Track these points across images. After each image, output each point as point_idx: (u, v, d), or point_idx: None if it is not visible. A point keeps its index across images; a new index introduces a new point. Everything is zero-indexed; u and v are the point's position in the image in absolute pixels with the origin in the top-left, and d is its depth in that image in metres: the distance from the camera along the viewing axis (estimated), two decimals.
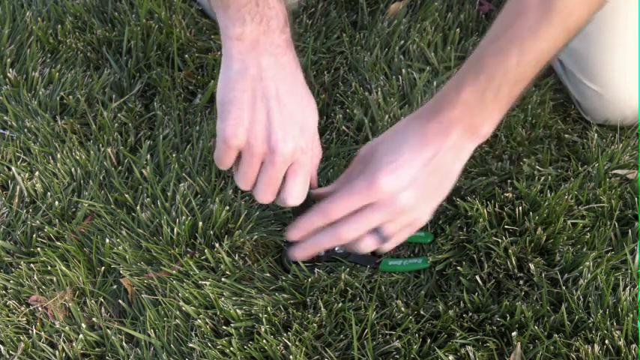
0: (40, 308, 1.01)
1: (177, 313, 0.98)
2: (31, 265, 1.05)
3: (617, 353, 0.93)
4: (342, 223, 0.93)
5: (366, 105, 1.21)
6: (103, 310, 1.01)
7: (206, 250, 1.02)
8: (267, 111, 0.89)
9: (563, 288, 0.99)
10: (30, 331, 0.99)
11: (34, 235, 1.07)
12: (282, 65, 0.90)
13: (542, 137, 1.19)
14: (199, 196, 1.10)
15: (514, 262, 1.01)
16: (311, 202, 0.96)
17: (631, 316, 0.94)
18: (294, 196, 0.93)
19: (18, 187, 1.12)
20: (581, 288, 0.98)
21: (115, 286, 1.03)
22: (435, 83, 1.23)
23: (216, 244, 1.03)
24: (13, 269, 1.05)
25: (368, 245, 0.95)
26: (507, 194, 1.08)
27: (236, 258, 1.03)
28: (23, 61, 1.29)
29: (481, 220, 1.05)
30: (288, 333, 0.95)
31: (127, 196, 1.10)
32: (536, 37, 0.86)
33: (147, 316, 0.98)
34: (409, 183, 0.91)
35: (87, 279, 1.03)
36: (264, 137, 0.89)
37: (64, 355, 0.97)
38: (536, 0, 0.85)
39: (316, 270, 1.01)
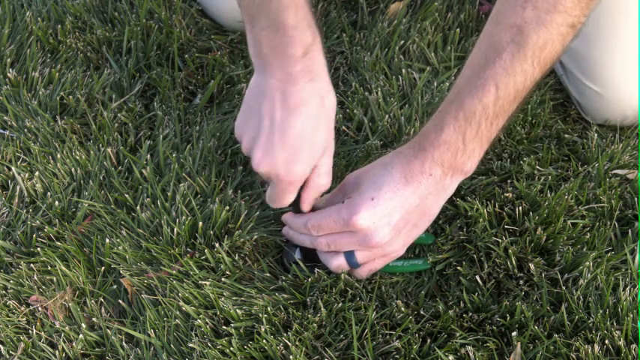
0: (40, 308, 1.01)
1: (177, 313, 0.98)
2: (31, 265, 1.05)
3: (617, 353, 0.93)
4: (320, 237, 0.98)
5: (366, 105, 1.21)
6: (103, 310, 1.01)
7: (206, 250, 1.02)
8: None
9: (563, 288, 0.99)
10: (30, 331, 0.99)
11: (34, 235, 1.07)
12: (287, 93, 0.90)
13: (542, 137, 1.19)
14: (199, 196, 1.10)
15: (514, 262, 1.01)
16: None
17: (631, 316, 0.94)
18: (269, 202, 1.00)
19: (18, 187, 1.13)
20: (581, 288, 0.98)
21: (115, 286, 1.03)
22: (435, 83, 1.23)
23: (216, 244, 1.03)
24: (13, 269, 1.05)
25: (338, 264, 0.98)
26: (507, 194, 1.08)
27: (236, 258, 1.03)
28: (23, 61, 1.29)
29: (481, 220, 1.05)
30: (288, 333, 0.95)
31: (127, 196, 1.10)
32: (512, 74, 0.88)
33: (147, 316, 0.98)
34: (387, 221, 0.93)
35: (87, 279, 1.03)
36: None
37: (64, 355, 0.97)
38: (509, 37, 0.87)
39: (316, 270, 1.01)
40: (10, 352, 0.98)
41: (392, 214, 0.93)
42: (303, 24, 0.87)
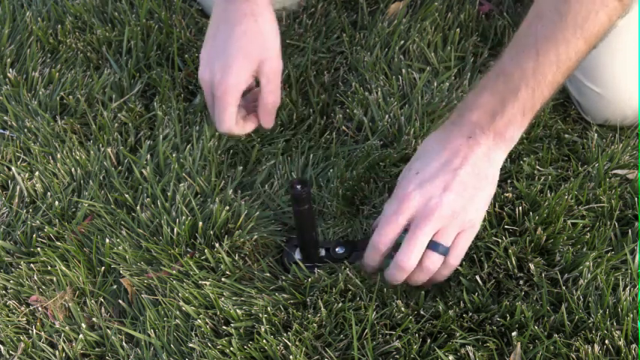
0: (40, 308, 1.01)
1: (177, 313, 0.98)
2: (31, 265, 1.05)
3: (617, 353, 0.93)
4: (399, 254, 0.93)
5: (366, 105, 1.21)
6: (103, 310, 1.01)
7: (206, 250, 1.02)
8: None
9: (563, 288, 0.99)
10: (30, 331, 0.99)
11: (34, 235, 1.07)
12: (227, 11, 1.08)
13: (542, 137, 1.19)
14: (199, 196, 1.10)
15: (514, 262, 1.01)
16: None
17: (631, 316, 0.94)
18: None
19: (18, 187, 1.12)
20: (581, 288, 0.98)
21: (115, 286, 1.03)
22: (435, 83, 1.23)
23: (216, 244, 1.03)
24: (13, 269, 1.05)
25: (433, 262, 0.93)
26: (507, 194, 1.08)
27: (236, 258, 1.03)
28: (23, 61, 1.29)
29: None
30: (288, 333, 0.95)
31: (127, 196, 1.10)
32: (553, 41, 0.88)
33: (147, 316, 0.98)
34: (439, 185, 0.91)
35: (87, 279, 1.03)
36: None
37: (64, 355, 0.97)
38: (554, 5, 0.87)
39: (316, 270, 1.01)
40: (10, 352, 0.98)
41: (442, 180, 0.92)
42: None
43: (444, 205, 0.91)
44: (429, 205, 0.91)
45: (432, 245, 0.93)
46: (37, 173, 1.13)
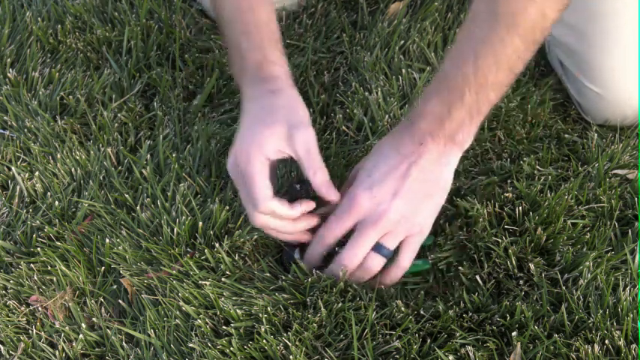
0: (40, 308, 1.01)
1: (177, 313, 0.98)
2: (31, 265, 1.04)
3: (617, 353, 0.93)
4: (343, 252, 0.97)
5: (366, 105, 1.21)
6: (103, 310, 1.01)
7: (206, 250, 1.02)
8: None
9: (563, 288, 0.99)
10: (30, 331, 0.99)
11: (34, 235, 1.07)
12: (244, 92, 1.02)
13: (542, 137, 1.19)
14: (199, 196, 1.10)
15: (514, 262, 1.01)
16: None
17: (631, 316, 0.94)
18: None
19: (18, 187, 1.12)
20: (581, 288, 0.98)
21: (115, 286, 1.03)
22: None
23: (216, 244, 1.03)
24: (13, 269, 1.05)
25: (375, 264, 0.97)
26: (507, 194, 1.08)
27: (236, 258, 1.03)
28: (23, 61, 1.29)
29: (481, 220, 1.05)
30: (288, 333, 0.95)
31: (127, 196, 1.10)
32: (487, 41, 0.90)
33: (147, 316, 0.98)
34: (388, 191, 0.94)
35: (87, 279, 1.03)
36: None
37: (64, 355, 0.97)
38: (486, 6, 0.89)
39: (315, 270, 1.01)
40: (10, 352, 0.98)
41: (392, 185, 0.94)
42: (252, 46, 1.00)
43: (392, 211, 0.94)
44: (378, 210, 0.94)
45: (377, 247, 0.96)
46: (37, 173, 1.13)
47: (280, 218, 0.97)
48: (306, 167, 0.95)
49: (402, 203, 0.94)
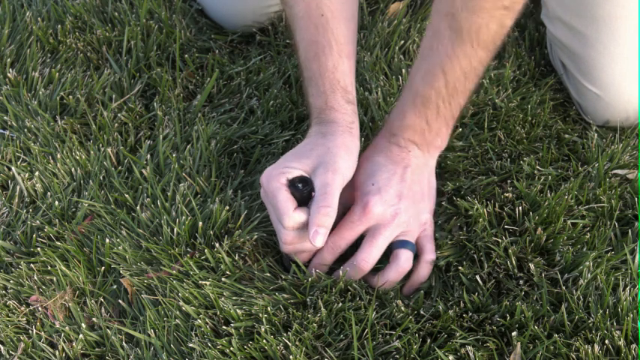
0: (40, 308, 1.01)
1: (177, 313, 0.98)
2: (31, 265, 1.04)
3: (617, 353, 0.93)
4: (359, 254, 0.99)
5: (366, 105, 1.21)
6: (103, 310, 1.01)
7: (206, 250, 1.02)
8: None
9: (563, 288, 0.99)
10: (30, 331, 0.99)
11: (34, 235, 1.07)
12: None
13: (542, 137, 1.19)
14: (199, 196, 1.10)
15: (514, 262, 1.01)
16: None
17: (631, 316, 0.94)
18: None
19: (18, 187, 1.12)
20: (581, 288, 0.98)
21: (115, 286, 1.03)
22: None
23: (216, 244, 1.03)
24: (13, 269, 1.05)
25: (407, 258, 1.00)
26: (507, 194, 1.08)
27: (236, 258, 1.03)
28: (23, 61, 1.29)
29: (481, 219, 1.05)
30: (288, 333, 0.95)
31: (127, 196, 1.10)
32: (455, 58, 0.96)
33: (147, 316, 0.98)
34: (397, 197, 1.00)
35: (87, 279, 1.03)
36: None
37: (64, 355, 0.97)
38: (446, 24, 0.94)
39: (315, 270, 1.01)
40: (10, 352, 0.98)
41: (396, 189, 1.00)
42: (316, 92, 1.03)
43: (402, 212, 1.00)
44: (389, 212, 0.99)
45: (400, 244, 1.00)
46: (37, 173, 1.13)
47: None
48: (315, 201, 0.94)
49: (407, 204, 1.00)
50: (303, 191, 0.95)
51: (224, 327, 0.96)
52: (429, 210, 1.04)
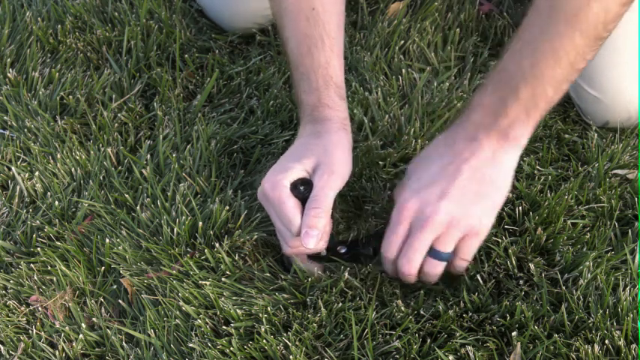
0: (40, 308, 1.01)
1: (177, 313, 0.98)
2: (31, 265, 1.05)
3: (617, 353, 0.93)
4: (399, 260, 0.95)
5: (366, 105, 1.21)
6: (103, 310, 1.01)
7: (206, 250, 1.02)
8: None
9: (563, 288, 0.99)
10: (30, 331, 0.99)
11: (34, 235, 1.07)
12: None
13: (542, 137, 1.19)
14: (199, 196, 1.10)
15: (514, 262, 1.01)
16: None
17: (631, 316, 0.94)
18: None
19: (18, 187, 1.12)
20: (581, 288, 0.98)
21: (115, 286, 1.03)
22: (435, 83, 1.23)
23: (216, 244, 1.03)
24: (13, 269, 1.05)
25: (435, 268, 0.95)
26: None
27: (236, 258, 1.03)
28: (23, 61, 1.29)
29: None
30: (288, 333, 0.95)
31: (127, 196, 1.10)
32: (546, 35, 0.87)
33: (147, 316, 0.98)
34: (439, 195, 0.91)
35: (87, 279, 1.03)
36: None
37: (64, 355, 0.97)
38: (547, 2, 0.87)
39: (316, 270, 1.01)
40: (10, 352, 0.98)
41: (440, 186, 0.92)
42: (309, 89, 1.01)
43: (441, 212, 0.91)
44: (425, 212, 0.92)
45: (433, 253, 0.94)
46: (37, 173, 1.13)
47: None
48: (307, 203, 0.94)
49: (450, 204, 0.91)
50: (305, 193, 0.95)
51: (224, 327, 0.96)
52: (486, 214, 0.93)
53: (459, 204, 0.91)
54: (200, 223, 1.04)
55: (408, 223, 0.93)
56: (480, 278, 1.00)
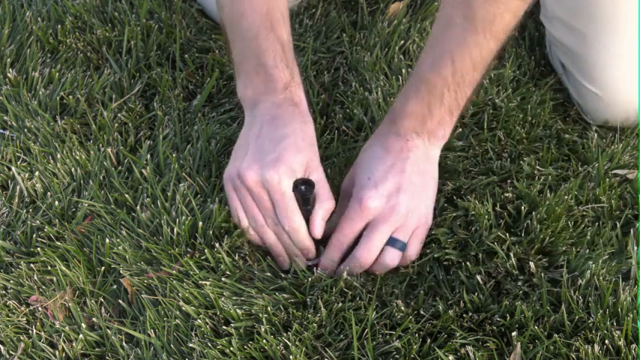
0: (40, 308, 1.01)
1: (177, 313, 0.98)
2: (31, 265, 1.04)
3: (617, 353, 0.93)
4: (358, 249, 0.99)
5: (366, 105, 1.21)
6: (103, 310, 1.01)
7: (206, 250, 1.02)
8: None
9: (564, 288, 0.99)
10: (30, 331, 0.99)
11: (34, 235, 1.07)
12: (273, 116, 1.00)
13: (542, 137, 1.19)
14: (199, 196, 1.10)
15: (514, 262, 1.01)
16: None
17: (631, 316, 0.94)
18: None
19: (18, 187, 1.12)
20: (581, 288, 0.98)
21: (115, 286, 1.03)
22: None
23: (216, 244, 1.03)
24: (13, 269, 1.05)
25: (392, 257, 1.00)
26: (507, 194, 1.08)
27: (236, 258, 1.03)
28: (23, 61, 1.29)
29: (481, 219, 1.05)
30: (288, 333, 0.95)
31: (127, 196, 1.10)
32: (466, 46, 0.95)
33: (147, 316, 0.98)
34: (392, 187, 0.98)
35: (87, 279, 1.03)
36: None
37: (64, 355, 0.97)
38: (461, 12, 0.93)
39: (316, 270, 1.01)
40: (10, 352, 0.98)
41: (394, 181, 0.99)
42: (281, 64, 1.01)
43: (401, 205, 0.98)
44: (387, 206, 0.98)
45: (391, 241, 0.99)
46: (37, 173, 1.13)
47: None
48: (319, 194, 0.98)
49: (407, 197, 0.98)
50: (305, 193, 0.95)
51: (224, 327, 0.96)
52: (430, 203, 1.02)
53: (413, 196, 0.99)
54: (200, 223, 1.04)
55: (369, 218, 0.98)
56: (479, 278, 1.00)
